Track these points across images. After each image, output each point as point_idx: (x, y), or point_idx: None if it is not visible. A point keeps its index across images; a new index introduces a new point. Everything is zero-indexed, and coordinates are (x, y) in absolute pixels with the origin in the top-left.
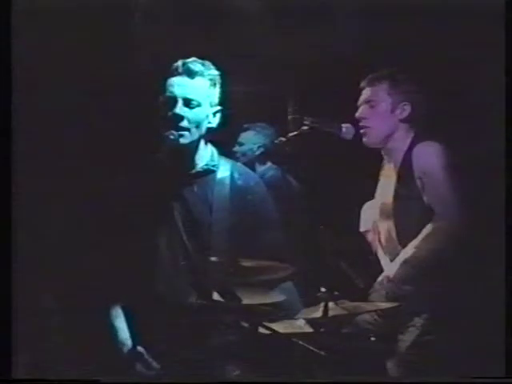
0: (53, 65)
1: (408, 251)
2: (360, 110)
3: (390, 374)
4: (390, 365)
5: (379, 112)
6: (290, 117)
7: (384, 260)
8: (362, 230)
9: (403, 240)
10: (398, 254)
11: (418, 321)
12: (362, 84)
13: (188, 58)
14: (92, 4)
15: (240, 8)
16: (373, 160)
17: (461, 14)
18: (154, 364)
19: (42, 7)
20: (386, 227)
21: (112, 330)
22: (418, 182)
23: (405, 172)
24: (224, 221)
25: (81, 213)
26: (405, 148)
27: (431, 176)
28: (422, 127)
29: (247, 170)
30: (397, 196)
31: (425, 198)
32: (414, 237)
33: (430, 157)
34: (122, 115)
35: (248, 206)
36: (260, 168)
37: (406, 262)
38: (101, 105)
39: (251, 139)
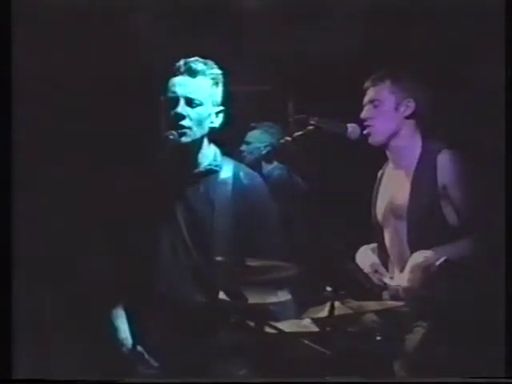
0: (53, 65)
1: (419, 257)
2: (365, 110)
3: (395, 373)
4: (395, 364)
5: (383, 111)
6: (295, 116)
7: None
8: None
9: (413, 243)
10: (405, 258)
11: (422, 321)
12: (366, 84)
13: (190, 57)
14: (92, 4)
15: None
16: (379, 160)
17: (461, 13)
18: (156, 364)
19: (41, 7)
20: (395, 227)
21: (113, 330)
22: (441, 191)
23: (421, 175)
24: (226, 220)
25: (83, 213)
26: (416, 148)
27: (456, 189)
28: (428, 125)
29: (250, 170)
30: (412, 198)
31: (444, 209)
32: (426, 242)
33: (455, 168)
34: (123, 115)
35: (250, 206)
36: (266, 167)
37: (417, 267)
38: (102, 105)
39: (258, 138)
